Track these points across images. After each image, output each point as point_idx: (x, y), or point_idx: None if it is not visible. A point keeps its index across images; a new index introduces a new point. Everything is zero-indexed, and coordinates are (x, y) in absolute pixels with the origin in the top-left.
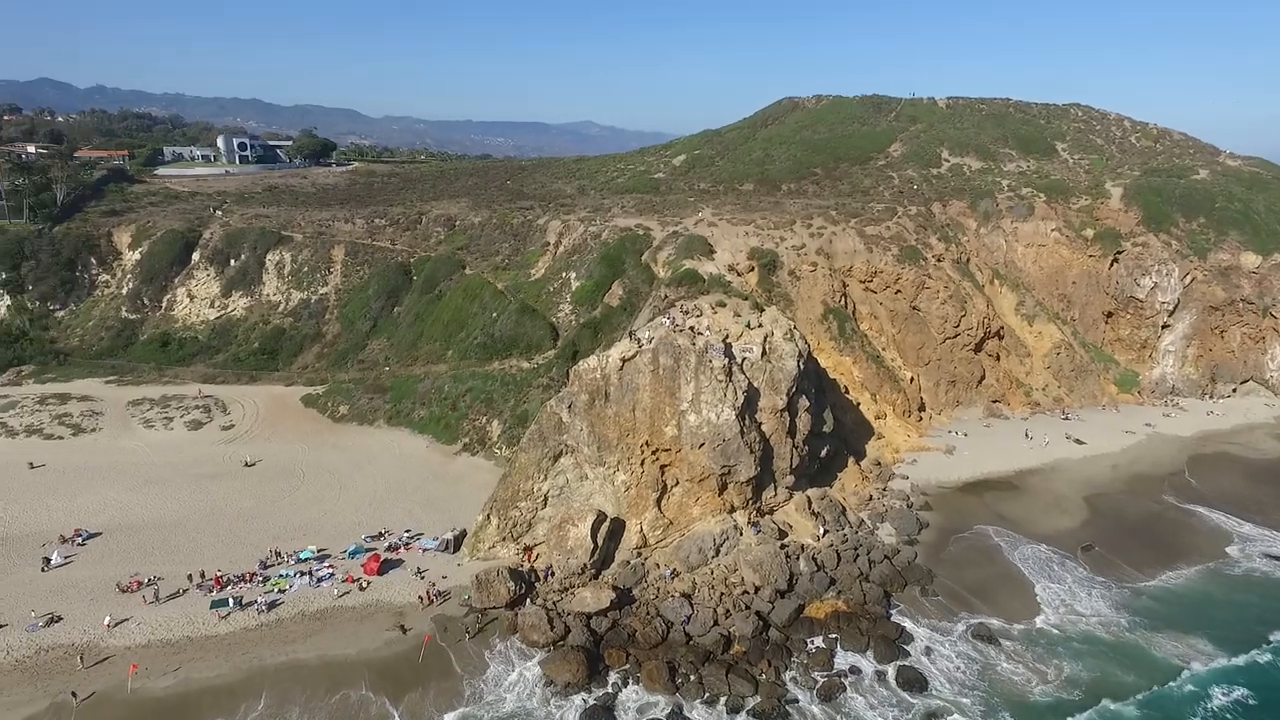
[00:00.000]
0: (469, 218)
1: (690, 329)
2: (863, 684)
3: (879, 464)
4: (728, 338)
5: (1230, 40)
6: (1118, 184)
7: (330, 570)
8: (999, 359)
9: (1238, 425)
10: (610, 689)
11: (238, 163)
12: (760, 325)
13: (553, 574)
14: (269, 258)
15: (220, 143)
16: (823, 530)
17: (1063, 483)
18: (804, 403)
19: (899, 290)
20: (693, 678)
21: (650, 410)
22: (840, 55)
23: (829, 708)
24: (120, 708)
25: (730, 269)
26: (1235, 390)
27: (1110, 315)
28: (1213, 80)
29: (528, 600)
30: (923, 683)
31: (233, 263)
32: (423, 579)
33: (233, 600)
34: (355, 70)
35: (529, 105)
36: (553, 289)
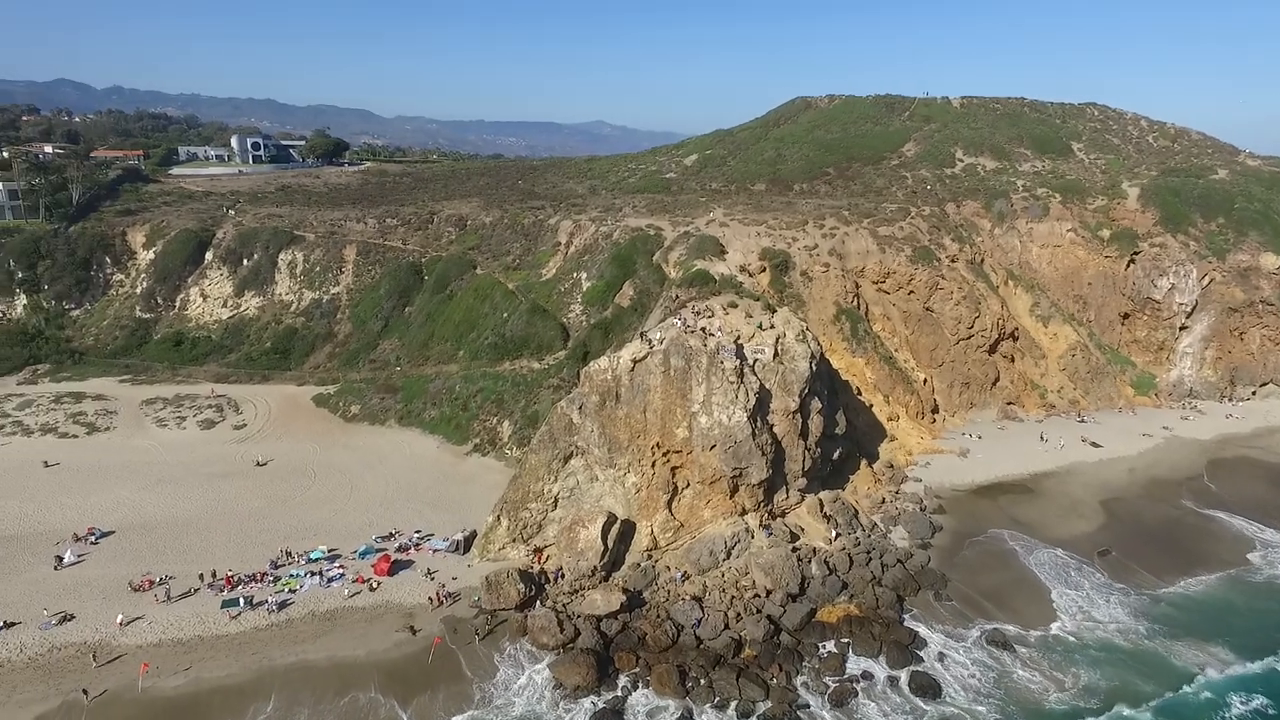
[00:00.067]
0: (480, 217)
1: (702, 330)
2: (875, 690)
3: (892, 466)
4: (739, 339)
5: (1230, 40)
6: (1135, 184)
7: (341, 570)
8: (1013, 361)
9: (1258, 428)
10: (620, 692)
11: (251, 162)
12: (772, 326)
13: (563, 576)
14: (281, 257)
15: (234, 142)
16: (835, 533)
17: (1078, 486)
18: (816, 404)
19: (912, 291)
20: (703, 682)
21: (661, 412)
22: (853, 55)
23: (841, 713)
24: (131, 707)
25: (742, 269)
26: (1255, 393)
27: (1127, 317)
28: (1212, 80)
29: (537, 602)
30: (936, 689)
31: (245, 262)
32: (433, 580)
33: (243, 600)
34: (369, 71)
35: (541, 105)
36: (564, 289)
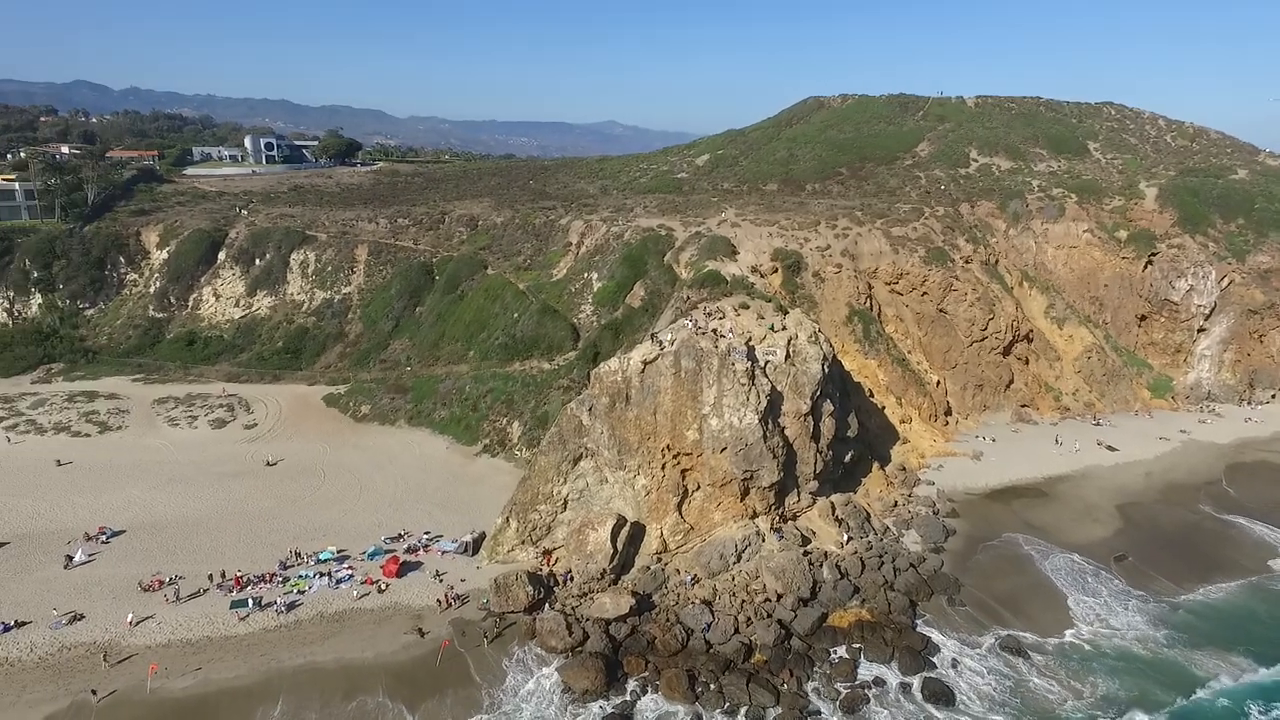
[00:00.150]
0: (491, 218)
1: (713, 331)
2: (887, 697)
3: (904, 469)
4: (751, 340)
5: (1230, 39)
6: (1152, 184)
7: (349, 572)
8: (1028, 363)
9: (1278, 432)
10: (629, 697)
11: (264, 163)
12: (784, 328)
13: (572, 578)
14: (293, 257)
15: (247, 143)
16: (846, 537)
17: (1094, 490)
18: (828, 407)
19: (925, 292)
20: (713, 687)
21: (671, 414)
22: (866, 55)
23: None
24: (139, 708)
25: (753, 270)
26: (1275, 396)
27: (1144, 319)
28: (1212, 79)
29: (546, 605)
30: (949, 696)
31: (258, 262)
32: (441, 582)
33: (252, 601)
34: (383, 71)
35: (553, 105)
36: (574, 289)
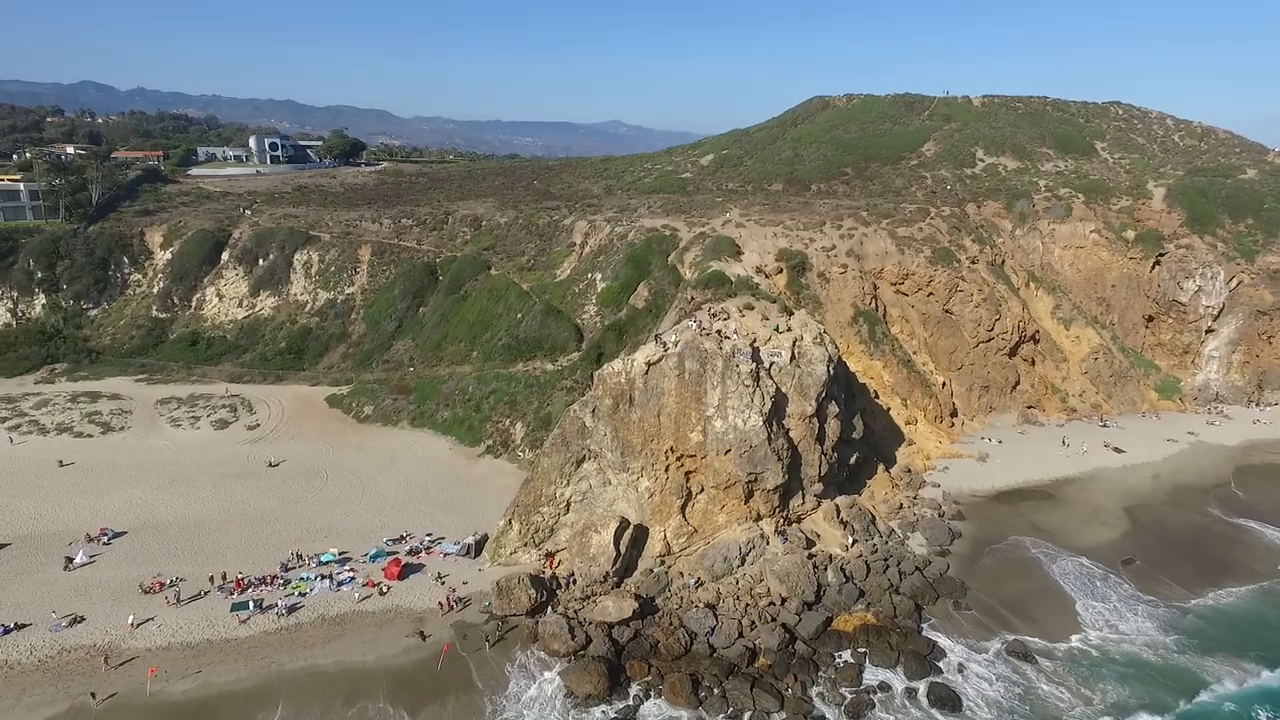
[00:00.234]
0: (495, 218)
1: (717, 332)
2: (892, 702)
3: (910, 471)
4: (755, 341)
5: (1230, 39)
6: (1160, 184)
7: (351, 574)
8: (1034, 364)
9: None
10: (631, 701)
11: (269, 163)
12: (789, 329)
13: (574, 581)
14: (297, 258)
15: (252, 143)
16: (851, 540)
17: (1101, 493)
18: (833, 408)
19: (931, 293)
20: (716, 691)
21: (675, 415)
22: (872, 54)
23: None
24: (138, 711)
25: (758, 271)
26: None
27: (1151, 319)
28: (1212, 79)
29: (549, 608)
30: (955, 702)
31: (261, 262)
32: (443, 584)
33: (253, 603)
34: (388, 71)
35: (558, 105)
36: (578, 290)
